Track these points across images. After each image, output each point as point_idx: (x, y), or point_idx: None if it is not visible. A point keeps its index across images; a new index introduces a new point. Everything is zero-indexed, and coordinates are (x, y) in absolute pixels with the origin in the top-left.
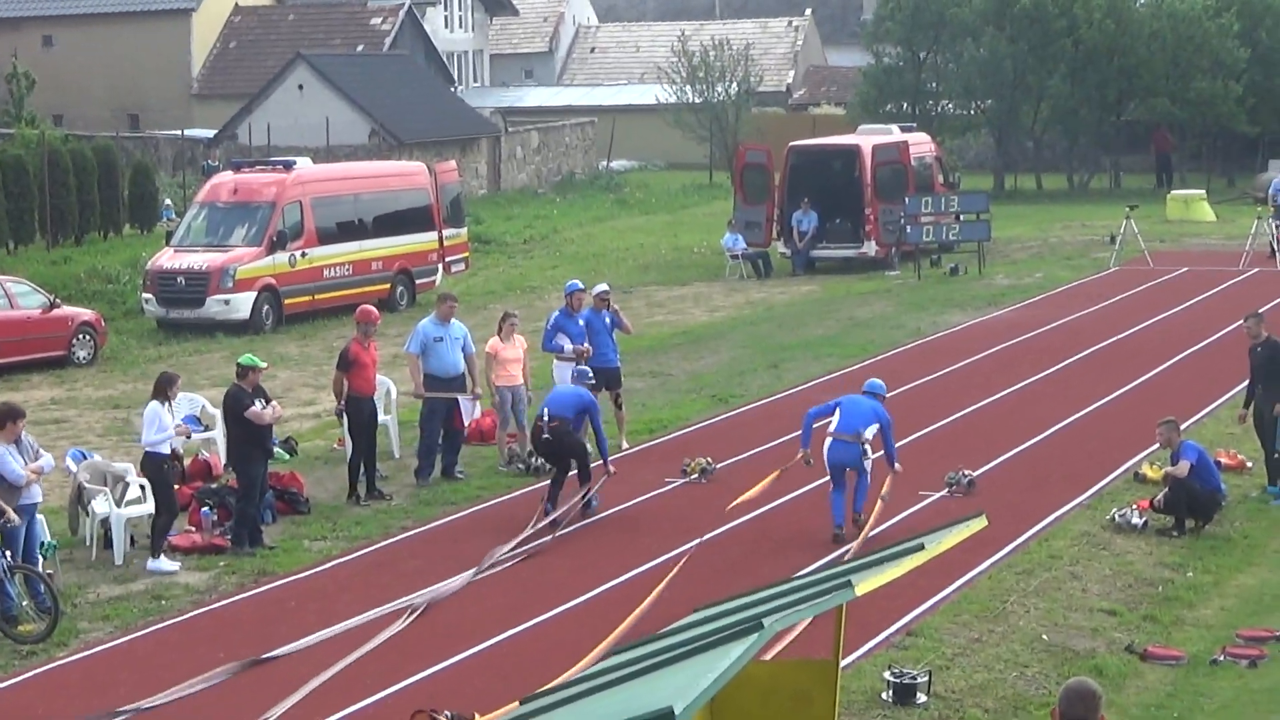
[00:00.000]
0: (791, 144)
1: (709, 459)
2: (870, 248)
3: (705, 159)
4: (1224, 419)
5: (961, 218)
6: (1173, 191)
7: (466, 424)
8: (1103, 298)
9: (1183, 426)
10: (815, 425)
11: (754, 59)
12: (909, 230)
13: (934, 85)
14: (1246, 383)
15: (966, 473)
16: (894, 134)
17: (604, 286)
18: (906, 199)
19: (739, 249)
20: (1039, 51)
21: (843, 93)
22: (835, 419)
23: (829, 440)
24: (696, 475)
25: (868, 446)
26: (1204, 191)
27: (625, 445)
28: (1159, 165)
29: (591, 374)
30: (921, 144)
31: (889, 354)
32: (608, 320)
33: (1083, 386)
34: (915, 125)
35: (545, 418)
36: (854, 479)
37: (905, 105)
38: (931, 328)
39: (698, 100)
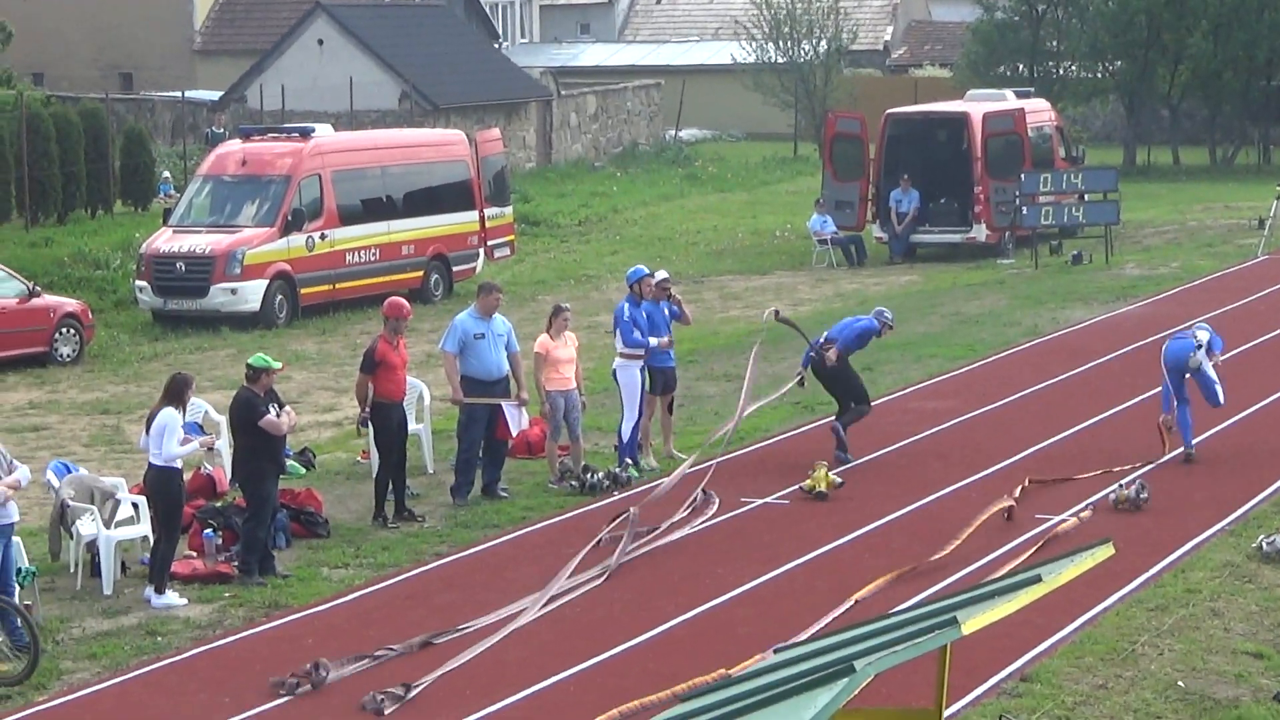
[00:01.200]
0: (889, 111)
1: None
2: (980, 232)
3: (789, 128)
4: None
5: (1086, 197)
6: None
7: (513, 434)
8: (1249, 291)
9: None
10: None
11: (846, 12)
12: (1025, 212)
13: (1054, 44)
14: None
15: (1136, 483)
16: (1008, 100)
17: (664, 274)
18: (1022, 176)
19: (828, 232)
20: (1177, 5)
21: (949, 52)
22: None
23: (1167, 343)
24: (819, 489)
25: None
26: None
27: (676, 455)
28: None
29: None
30: (1040, 112)
31: (1001, 355)
32: (667, 312)
33: (1225, 393)
34: (1033, 90)
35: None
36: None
37: (1021, 67)
38: (1050, 325)
39: (781, 60)
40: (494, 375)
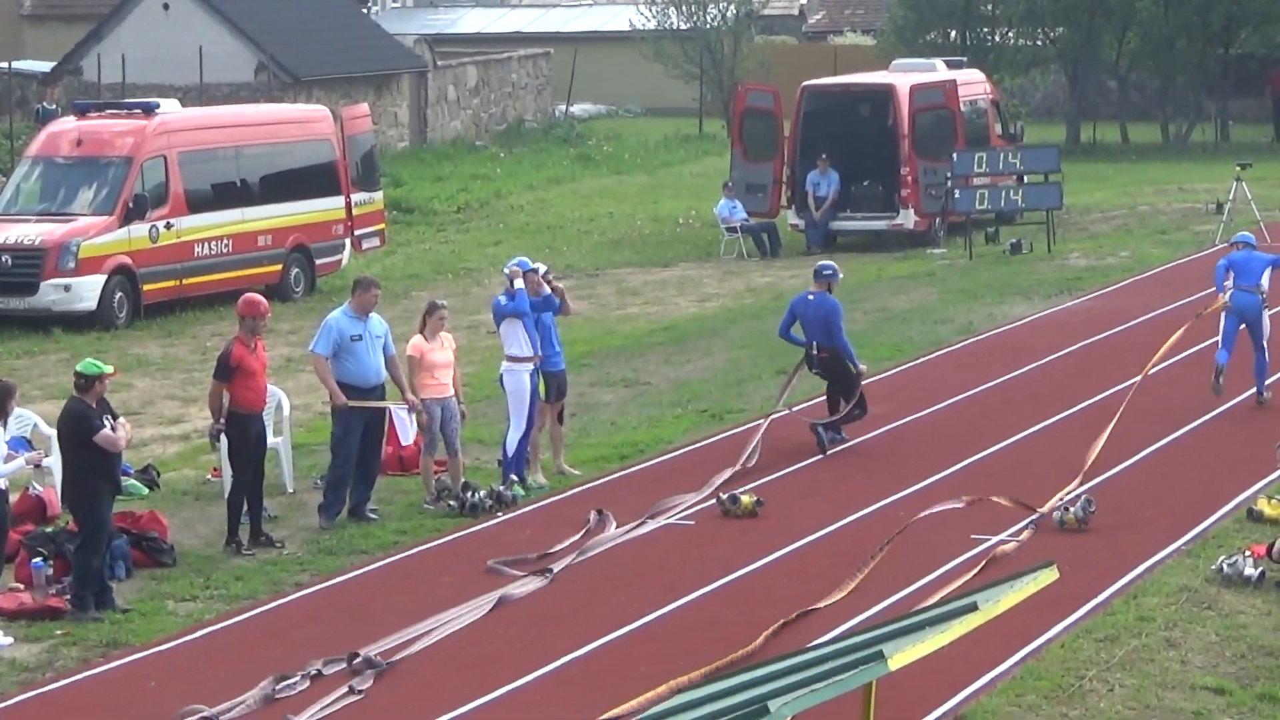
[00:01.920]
0: (806, 84)
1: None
2: (908, 218)
3: (694, 103)
4: None
5: (1025, 179)
6: None
7: (406, 442)
8: (1207, 283)
9: None
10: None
11: None
12: (958, 196)
13: (990, 8)
14: None
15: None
16: (938, 71)
17: (538, 266)
18: (954, 155)
19: (737, 219)
20: None
21: (872, 18)
22: (1230, 278)
23: (1230, 291)
24: (730, 508)
25: (1264, 296)
26: None
27: (568, 471)
28: (1278, 113)
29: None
30: (974, 84)
31: (932, 356)
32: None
33: (1182, 398)
34: (965, 60)
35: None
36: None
37: (953, 34)
38: (987, 322)
39: (684, 26)
40: (372, 381)
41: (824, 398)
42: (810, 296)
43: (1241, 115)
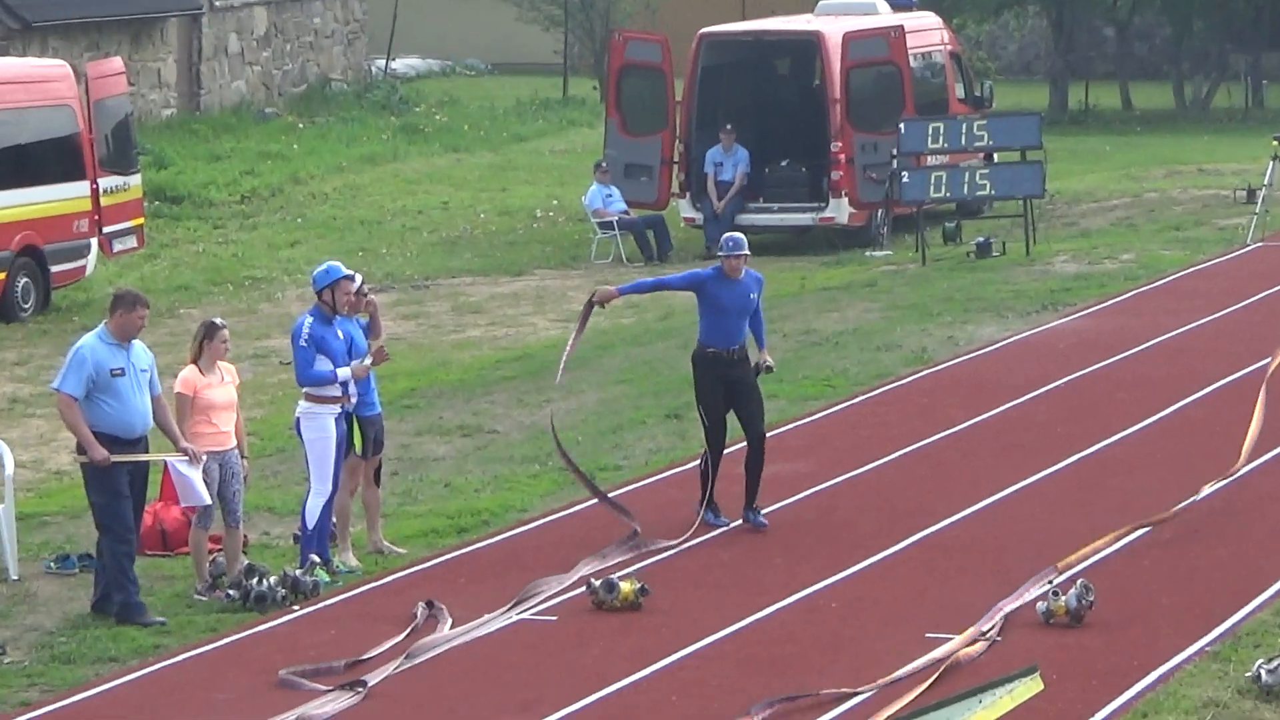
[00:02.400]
0: (704, 31)
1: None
2: (840, 210)
3: (556, 56)
4: None
5: (996, 158)
6: None
7: (201, 503)
8: (1235, 295)
9: None
10: None
11: None
12: (906, 180)
13: None
14: None
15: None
16: (880, 15)
17: (354, 277)
18: (902, 125)
19: (615, 212)
20: None
21: None
22: None
23: None
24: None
25: None
26: None
27: (388, 548)
28: None
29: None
30: (927, 32)
31: (873, 393)
32: (361, 331)
33: (1204, 450)
34: (916, 0)
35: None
36: None
37: None
38: (945, 348)
39: None
40: (137, 430)
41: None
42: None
43: (1278, 73)
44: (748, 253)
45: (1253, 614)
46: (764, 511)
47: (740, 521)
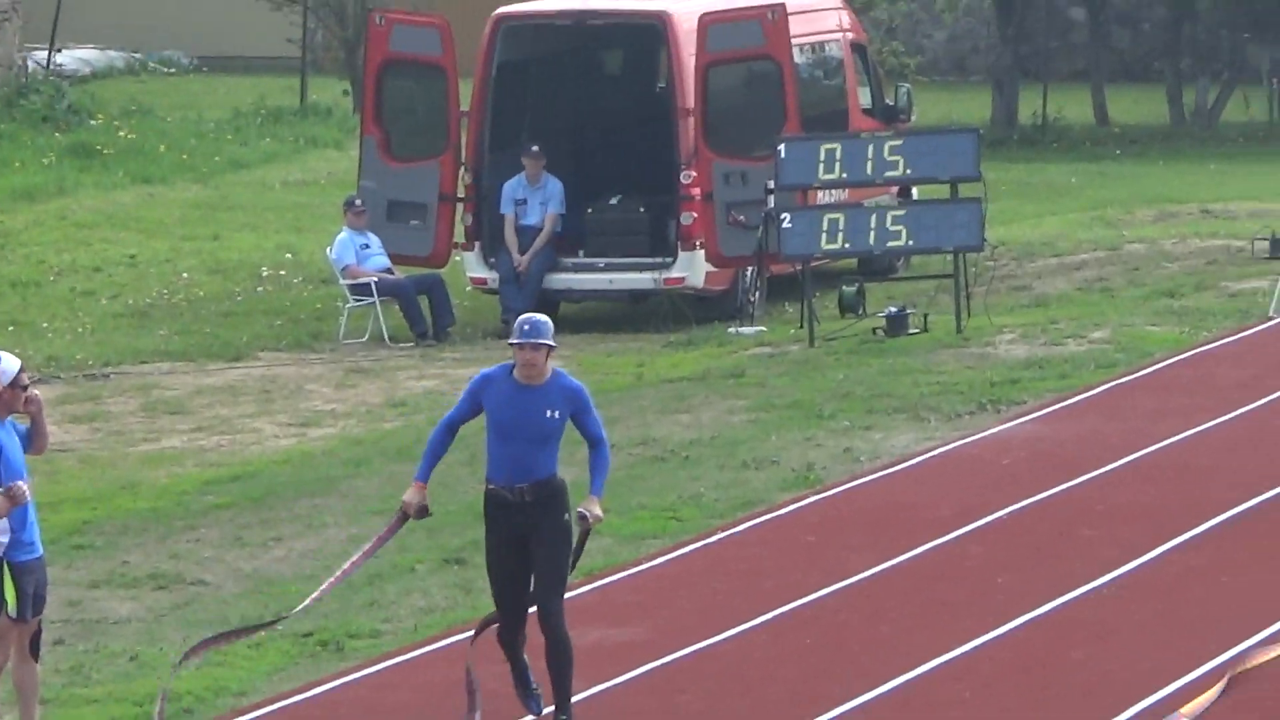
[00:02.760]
0: (501, 12)
1: None
2: (694, 268)
3: (291, 47)
4: None
5: (916, 194)
6: None
7: None
8: (1252, 390)
9: None
10: None
11: None
12: (788, 226)
13: None
14: None
15: None
16: None
17: (11, 363)
18: (782, 147)
19: (372, 270)
20: None
21: None
22: None
23: None
24: None
25: None
26: None
27: None
28: None
29: None
30: (819, 12)
31: (739, 529)
32: (18, 438)
33: (1209, 612)
34: None
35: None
36: None
37: None
38: (841, 465)
39: None
40: None
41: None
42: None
43: None
44: (553, 344)
45: None
46: (582, 696)
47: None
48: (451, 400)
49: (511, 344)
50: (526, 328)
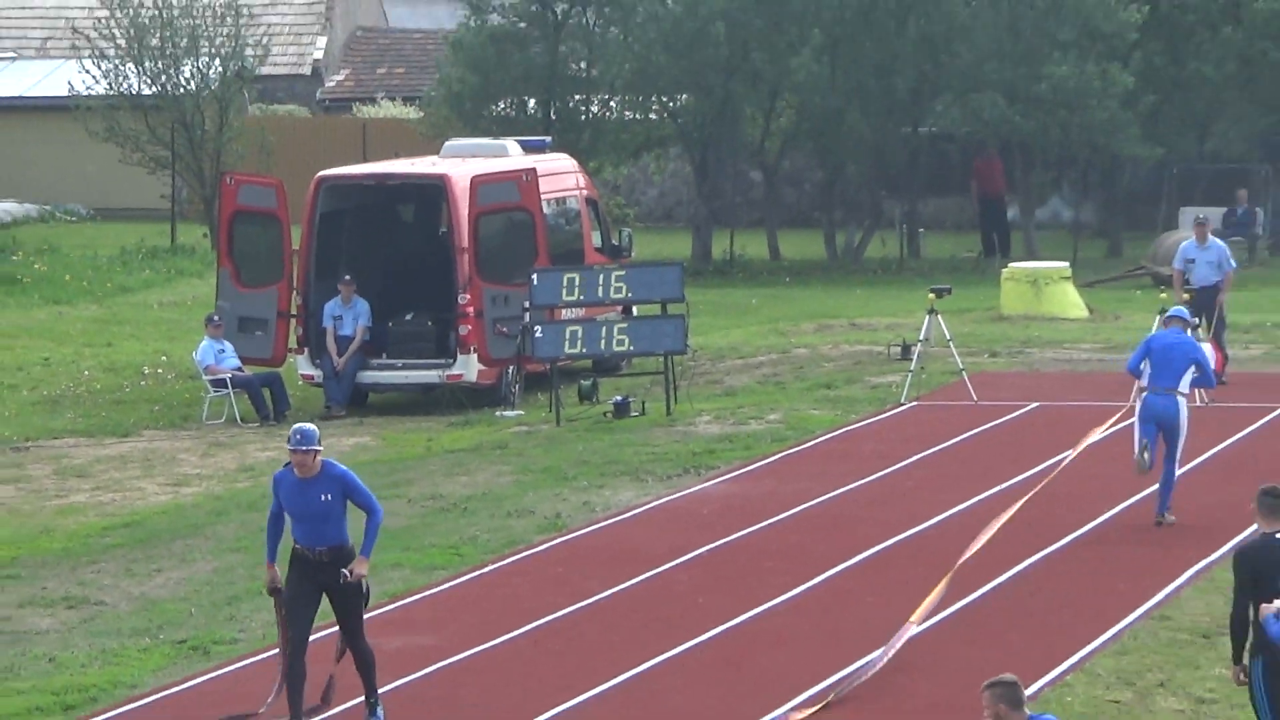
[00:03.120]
0: (323, 174)
1: None
2: (469, 367)
3: (164, 201)
4: (1106, 675)
5: (636, 311)
6: (1011, 266)
7: None
8: (888, 458)
9: (1031, 690)
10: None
11: (253, 14)
12: (540, 335)
13: (583, 66)
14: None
15: None
16: (511, 156)
17: None
18: (534, 276)
19: (228, 369)
20: (775, 5)
21: (417, 79)
22: (1147, 371)
23: (1145, 395)
24: None
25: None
26: (1067, 265)
27: None
28: (985, 217)
29: None
30: (562, 175)
31: (504, 562)
32: None
33: (856, 623)
34: (549, 141)
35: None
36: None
37: (532, 103)
38: (581, 514)
39: (148, 90)
40: None
41: None
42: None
43: (937, 220)
44: (319, 447)
45: None
46: (388, 688)
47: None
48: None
49: (289, 449)
50: (298, 437)
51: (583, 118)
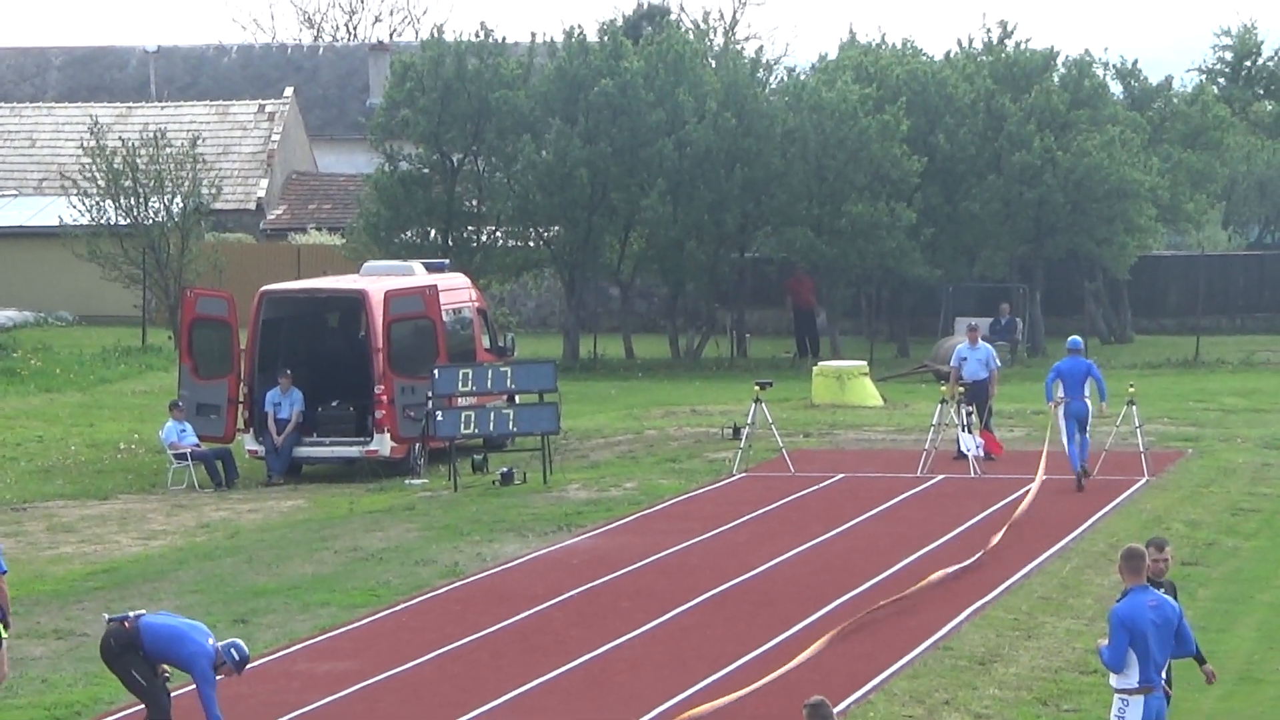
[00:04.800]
0: (264, 289)
1: None
2: (383, 444)
3: (136, 310)
4: (901, 695)
5: (518, 400)
6: (820, 364)
7: None
8: (722, 519)
9: (841, 707)
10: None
11: (208, 160)
12: (440, 418)
13: (475, 203)
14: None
15: None
16: (416, 275)
17: None
18: (436, 371)
19: (188, 445)
20: (628, 156)
21: (341, 213)
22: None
23: (1064, 402)
24: None
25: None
26: (865, 364)
27: None
28: (799, 325)
29: None
30: (457, 290)
31: (413, 601)
32: None
33: (697, 648)
34: (448, 262)
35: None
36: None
37: (433, 232)
38: (475, 563)
39: (123, 221)
40: None
41: None
42: None
43: (760, 327)
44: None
45: None
46: (317, 705)
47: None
48: (237, 524)
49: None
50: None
51: (474, 244)
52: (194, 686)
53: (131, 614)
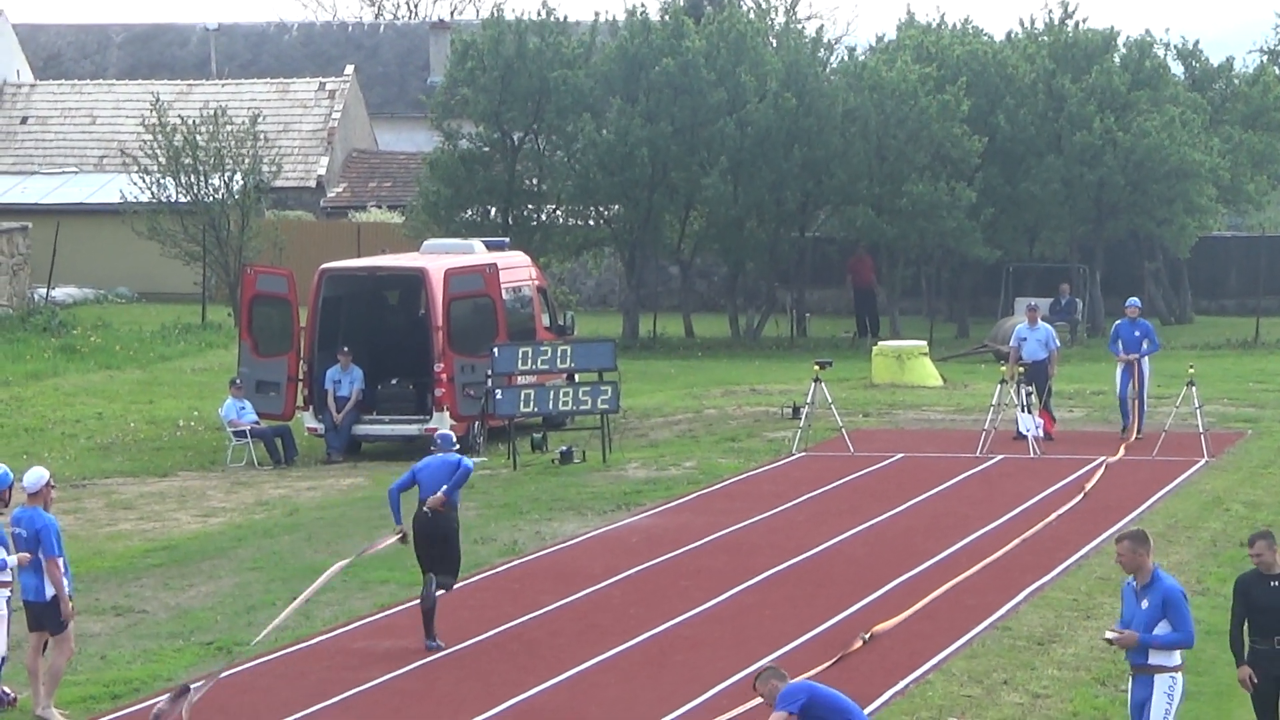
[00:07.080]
0: (324, 266)
1: None
2: (443, 422)
3: (196, 287)
4: (959, 675)
5: (577, 379)
6: (880, 344)
7: None
8: (781, 498)
9: (899, 687)
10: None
11: (268, 138)
12: (499, 397)
13: (535, 183)
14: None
15: None
16: (476, 254)
17: (41, 474)
18: (495, 350)
19: (247, 422)
20: (688, 135)
21: (401, 191)
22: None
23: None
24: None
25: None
26: (925, 343)
27: (53, 714)
28: (859, 305)
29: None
30: (517, 268)
31: (473, 580)
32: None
33: (756, 628)
34: (508, 241)
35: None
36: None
37: (493, 211)
38: (534, 541)
39: (184, 199)
40: None
41: None
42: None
43: (820, 307)
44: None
45: None
46: (376, 682)
47: (353, 693)
48: (295, 501)
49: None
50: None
51: (534, 223)
52: None
53: None
